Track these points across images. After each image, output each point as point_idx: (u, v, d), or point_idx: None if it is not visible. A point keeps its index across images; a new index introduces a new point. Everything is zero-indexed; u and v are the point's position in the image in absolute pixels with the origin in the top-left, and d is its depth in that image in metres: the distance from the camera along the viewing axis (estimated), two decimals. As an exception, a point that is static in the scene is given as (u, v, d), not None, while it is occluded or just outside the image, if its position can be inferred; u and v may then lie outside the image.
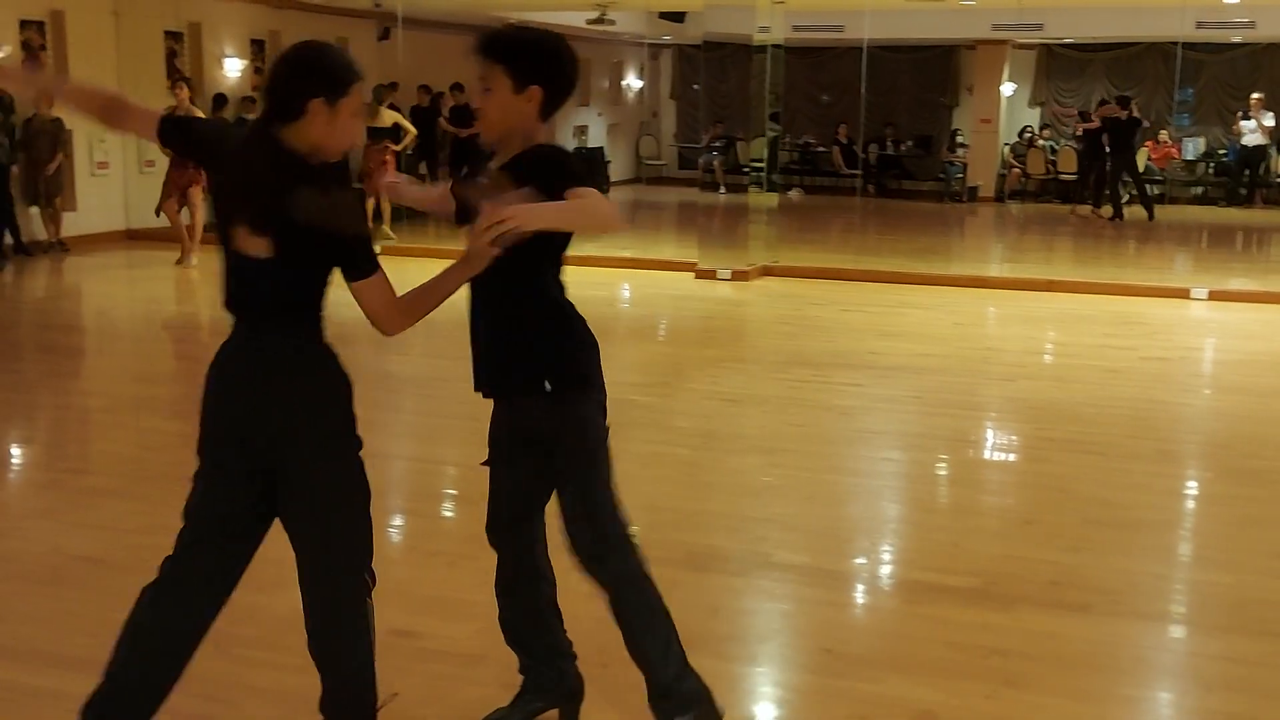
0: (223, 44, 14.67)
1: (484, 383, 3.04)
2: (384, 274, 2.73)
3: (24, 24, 12.55)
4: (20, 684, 3.53)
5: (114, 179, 13.49)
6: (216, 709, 3.34)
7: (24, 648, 3.78)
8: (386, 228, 13.70)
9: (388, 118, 13.52)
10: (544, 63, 2.89)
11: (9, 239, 12.17)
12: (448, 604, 4.10)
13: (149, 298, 11.10)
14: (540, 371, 2.95)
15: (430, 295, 2.80)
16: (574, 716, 3.29)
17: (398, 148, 13.73)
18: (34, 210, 12.59)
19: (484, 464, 3.15)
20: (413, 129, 14.15)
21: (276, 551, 2.86)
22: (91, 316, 10.62)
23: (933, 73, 22.39)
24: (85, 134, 12.50)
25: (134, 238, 13.47)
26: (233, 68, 14.84)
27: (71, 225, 12.79)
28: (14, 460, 6.13)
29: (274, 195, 2.63)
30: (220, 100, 14.27)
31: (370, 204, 13.44)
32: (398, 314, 2.77)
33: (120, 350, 9.09)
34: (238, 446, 2.78)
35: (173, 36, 14.26)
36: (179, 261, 11.87)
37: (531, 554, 3.17)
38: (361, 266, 2.70)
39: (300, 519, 2.81)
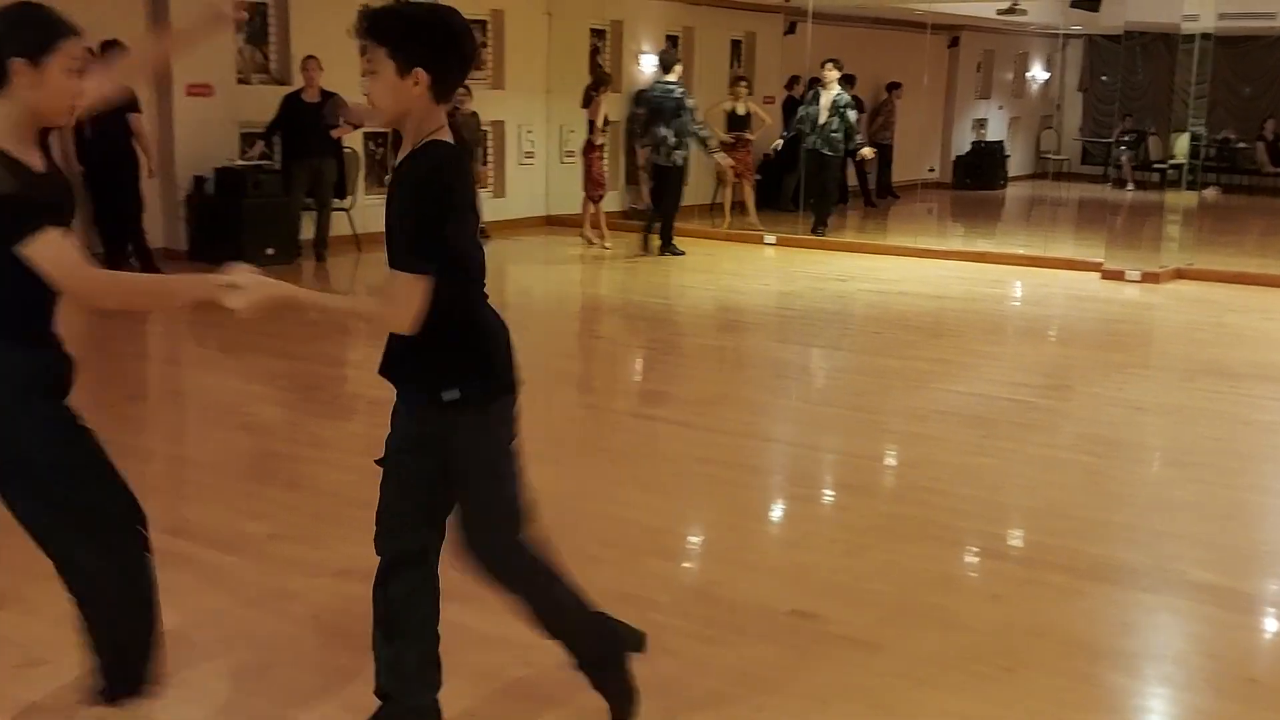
0: (640, 40, 15.34)
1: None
2: (56, 232, 2.52)
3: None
4: (467, 626, 3.80)
5: (538, 169, 14.36)
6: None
7: (456, 590, 4.14)
8: (753, 218, 14.19)
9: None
10: (429, 43, 2.64)
11: None
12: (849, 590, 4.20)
13: (564, 279, 11.88)
14: None
15: (152, 293, 3.13)
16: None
17: (752, 137, 14.24)
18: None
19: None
20: (767, 117, 14.54)
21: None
22: (513, 295, 11.50)
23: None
24: (515, 126, 13.47)
25: (553, 223, 14.40)
26: (648, 63, 15.50)
27: (499, 211, 13.77)
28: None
29: None
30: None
31: (727, 193, 14.35)
32: (90, 282, 2.60)
33: (537, 327, 9.83)
34: None
35: (596, 34, 15.12)
36: (591, 243, 12.74)
37: None
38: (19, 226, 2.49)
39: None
